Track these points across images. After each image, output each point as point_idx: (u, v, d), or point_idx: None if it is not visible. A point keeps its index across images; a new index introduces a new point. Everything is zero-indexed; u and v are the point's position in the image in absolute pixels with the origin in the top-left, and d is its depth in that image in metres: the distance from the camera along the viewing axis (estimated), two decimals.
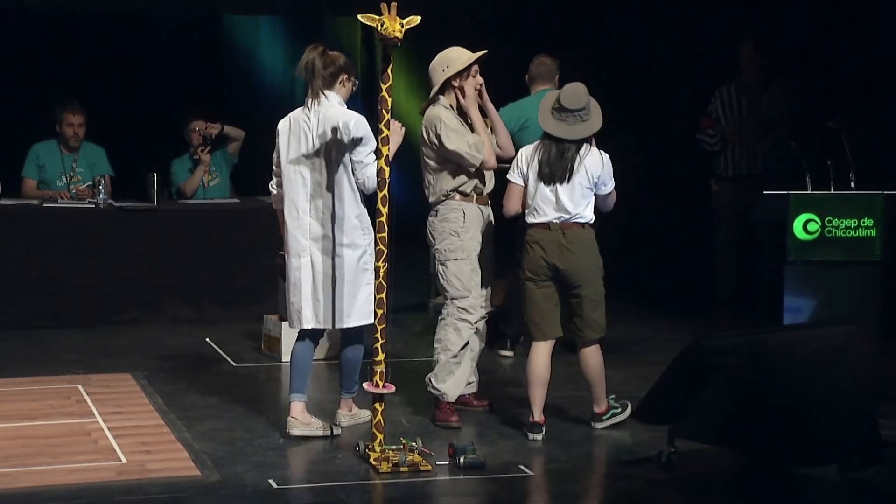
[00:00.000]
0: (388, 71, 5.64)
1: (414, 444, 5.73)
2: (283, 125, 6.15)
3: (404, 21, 5.54)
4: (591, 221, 6.09)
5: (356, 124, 5.94)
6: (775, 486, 5.56)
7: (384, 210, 5.69)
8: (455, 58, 6.30)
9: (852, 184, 6.72)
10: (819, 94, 8.46)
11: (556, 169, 6.00)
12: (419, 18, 5.58)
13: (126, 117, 9.99)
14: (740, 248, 8.52)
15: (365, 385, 5.81)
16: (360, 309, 6.02)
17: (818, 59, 8.67)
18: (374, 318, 5.77)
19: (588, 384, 6.24)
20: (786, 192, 6.56)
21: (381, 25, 5.51)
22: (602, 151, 6.08)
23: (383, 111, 5.66)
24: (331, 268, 6.02)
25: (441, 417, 6.27)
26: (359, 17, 5.58)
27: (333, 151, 5.99)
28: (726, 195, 8.53)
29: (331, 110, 6.01)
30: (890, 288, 6.69)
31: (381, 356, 5.73)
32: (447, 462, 5.66)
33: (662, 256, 6.98)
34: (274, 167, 6.23)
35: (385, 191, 5.71)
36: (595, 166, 6.04)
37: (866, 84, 8.32)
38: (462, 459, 5.64)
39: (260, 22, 11.29)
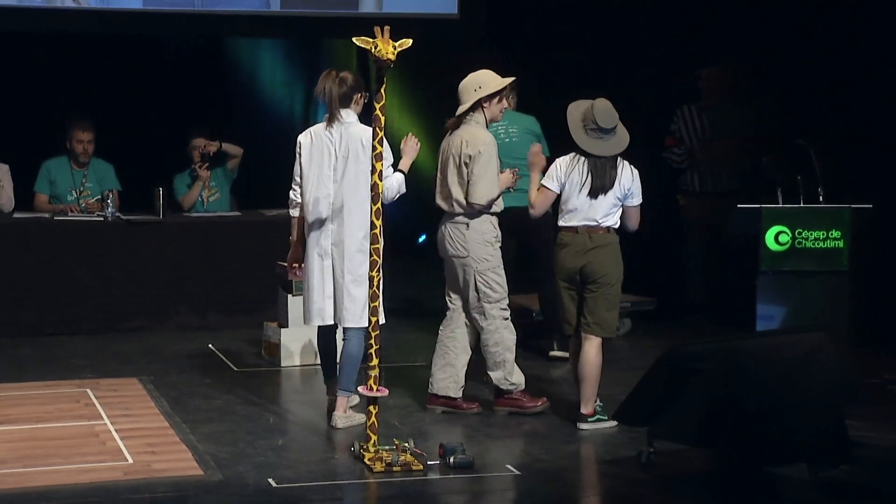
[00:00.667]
0: (382, 91, 5.63)
1: (406, 444, 5.72)
2: (304, 139, 6.30)
3: (397, 44, 5.53)
4: (617, 226, 6.24)
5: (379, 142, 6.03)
6: (749, 484, 5.55)
7: (378, 222, 5.69)
8: (487, 80, 6.35)
9: (821, 198, 6.73)
10: (789, 113, 8.49)
11: (604, 182, 6.18)
12: (411, 41, 5.58)
13: (133, 135, 9.97)
14: (710, 259, 8.56)
15: (360, 389, 5.80)
16: (383, 308, 6.07)
17: (787, 80, 8.69)
18: (369, 325, 5.76)
19: (581, 380, 6.24)
20: (758, 206, 6.57)
21: (375, 48, 5.51)
22: (632, 167, 6.22)
23: (377, 129, 5.66)
24: (344, 271, 6.17)
25: (525, 406, 6.41)
26: (354, 39, 5.58)
27: (354, 165, 6.14)
28: (694, 209, 8.62)
29: (352, 128, 6.19)
30: (857, 296, 6.69)
31: (375, 361, 5.71)
32: (438, 462, 5.64)
33: (636, 266, 7.03)
34: (295, 177, 6.36)
35: (379, 204, 5.70)
36: (627, 179, 6.20)
37: (833, 103, 8.34)
38: (452, 459, 5.63)
39: (260, 45, 11.29)
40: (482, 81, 6.35)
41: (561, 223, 6.31)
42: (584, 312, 6.25)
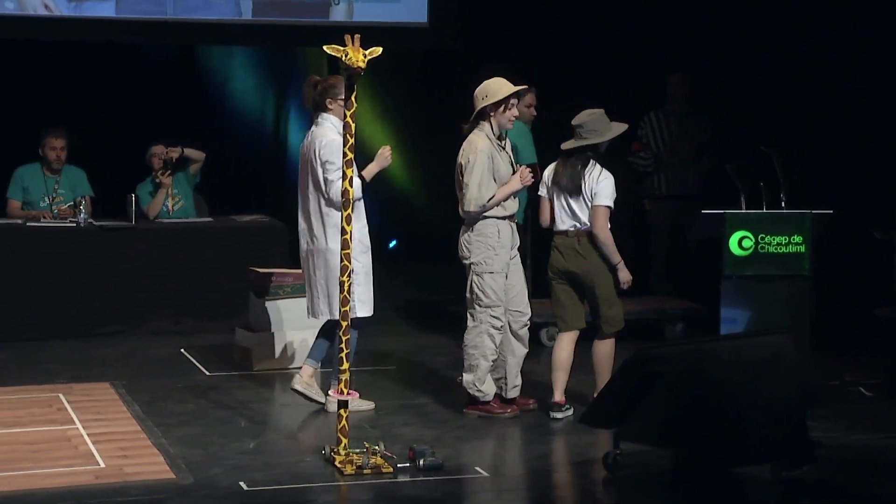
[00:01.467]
0: (353, 98, 5.63)
1: (377, 447, 5.72)
2: (303, 143, 6.55)
3: (367, 52, 5.53)
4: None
5: (325, 146, 6.32)
6: (714, 484, 5.57)
7: (349, 229, 5.68)
8: (495, 89, 6.35)
9: (783, 203, 6.77)
10: (752, 120, 8.54)
11: (566, 181, 6.32)
12: (381, 49, 5.58)
13: (106, 142, 9.93)
14: (675, 261, 8.61)
15: (330, 392, 5.80)
16: (357, 300, 6.33)
17: (751, 87, 8.75)
18: (339, 330, 5.75)
19: (595, 373, 6.48)
20: (722, 212, 6.60)
21: (346, 56, 5.51)
22: (605, 171, 6.34)
23: (347, 136, 5.65)
24: (316, 268, 6.43)
25: (494, 412, 6.42)
26: (324, 48, 5.57)
27: (312, 168, 6.39)
28: (661, 213, 8.68)
29: (318, 131, 6.41)
30: (818, 300, 6.74)
31: (345, 365, 5.71)
32: (408, 464, 5.64)
33: None
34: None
35: (349, 210, 5.70)
36: (591, 179, 6.32)
37: (795, 111, 8.40)
38: (422, 462, 5.63)
39: (232, 53, 11.26)
40: (490, 90, 6.36)
41: (554, 227, 6.45)
42: (592, 313, 6.47)
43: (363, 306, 6.43)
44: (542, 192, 6.47)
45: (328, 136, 6.34)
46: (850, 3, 7.95)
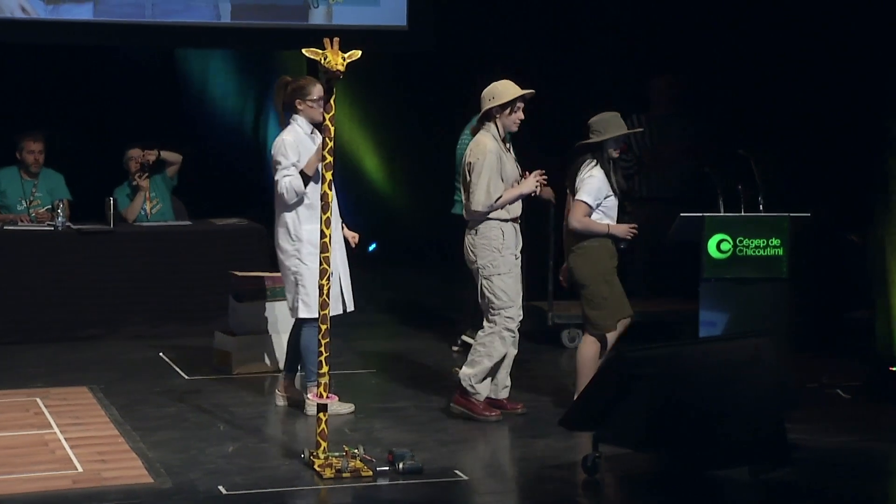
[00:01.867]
0: (332, 102, 5.62)
1: (356, 451, 5.70)
2: None
3: (346, 55, 5.52)
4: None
5: (275, 146, 6.47)
6: (692, 486, 5.58)
7: (328, 231, 5.66)
8: (502, 91, 6.35)
9: (761, 206, 6.78)
10: (731, 124, 8.56)
11: (567, 180, 6.49)
12: (360, 53, 5.57)
13: (84, 145, 9.88)
14: (655, 264, 8.62)
15: (309, 395, 5.78)
16: (300, 302, 6.45)
17: (731, 92, 8.77)
18: (319, 333, 5.72)
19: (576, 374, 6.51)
20: (701, 215, 6.62)
21: (325, 59, 5.49)
22: (595, 169, 6.39)
23: (326, 139, 5.64)
24: (287, 269, 6.54)
25: (479, 411, 6.40)
26: (303, 51, 5.56)
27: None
28: (641, 215, 8.65)
29: (282, 132, 6.47)
30: (796, 302, 6.76)
31: (325, 368, 5.69)
32: (387, 468, 5.63)
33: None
34: None
35: (329, 213, 5.68)
36: (581, 175, 6.41)
37: (774, 115, 8.43)
38: (401, 465, 5.62)
39: (211, 56, 11.23)
40: (496, 92, 6.36)
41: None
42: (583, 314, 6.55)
43: (305, 308, 6.44)
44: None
45: (282, 136, 6.44)
46: (829, 9, 7.98)
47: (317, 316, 6.34)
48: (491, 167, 6.29)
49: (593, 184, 6.38)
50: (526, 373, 7.13)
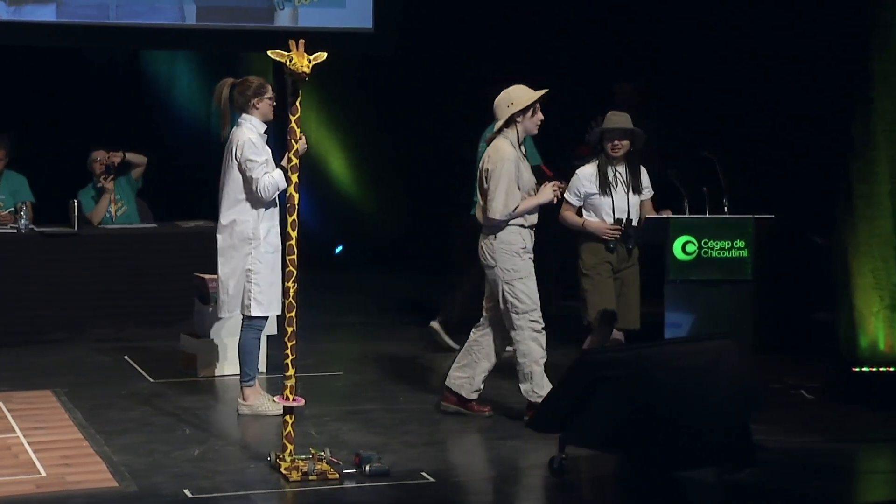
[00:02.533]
0: (297, 104, 5.61)
1: (322, 453, 5.69)
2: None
3: (312, 57, 5.51)
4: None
5: (242, 146, 6.44)
6: (657, 487, 5.61)
7: (293, 234, 5.65)
8: (519, 95, 6.37)
9: (726, 208, 6.82)
10: (695, 127, 8.61)
11: None
12: (325, 54, 5.56)
13: (48, 147, 9.81)
14: None
15: (276, 398, 5.76)
16: (252, 300, 6.45)
17: (695, 96, 8.83)
18: (285, 336, 5.71)
19: None
20: (666, 217, 6.65)
21: (290, 61, 5.49)
22: (580, 168, 6.69)
23: (292, 141, 5.63)
24: (239, 267, 6.49)
25: (472, 408, 6.51)
26: (269, 53, 5.55)
27: (235, 167, 6.45)
28: None
29: (237, 132, 6.47)
30: (760, 304, 6.80)
31: (291, 371, 5.67)
32: (354, 470, 5.62)
33: (543, 276, 7.11)
34: None
35: (295, 216, 5.67)
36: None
37: (738, 118, 8.49)
38: (368, 468, 5.61)
39: (176, 57, 11.18)
40: (514, 97, 6.37)
41: None
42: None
43: (258, 306, 6.48)
44: None
45: (245, 135, 6.43)
46: (793, 12, 8.04)
47: (268, 315, 6.42)
48: (509, 175, 6.31)
49: (574, 182, 6.62)
50: (492, 374, 7.12)
